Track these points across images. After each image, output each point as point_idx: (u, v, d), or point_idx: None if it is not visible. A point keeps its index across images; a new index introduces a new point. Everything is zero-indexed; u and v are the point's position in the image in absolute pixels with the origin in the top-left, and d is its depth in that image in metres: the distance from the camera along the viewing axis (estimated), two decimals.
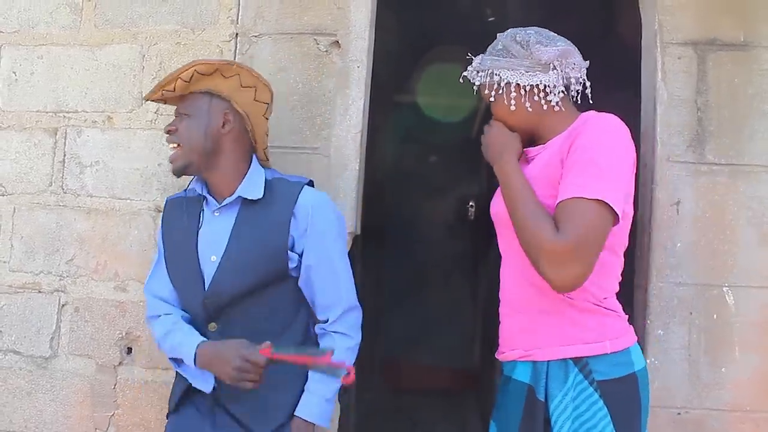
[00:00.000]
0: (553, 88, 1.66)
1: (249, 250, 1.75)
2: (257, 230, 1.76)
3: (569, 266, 1.50)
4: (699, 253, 2.00)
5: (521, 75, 1.67)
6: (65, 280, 2.22)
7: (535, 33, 1.69)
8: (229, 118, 1.78)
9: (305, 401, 1.78)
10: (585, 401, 1.56)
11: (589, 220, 1.50)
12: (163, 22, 2.21)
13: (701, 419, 1.98)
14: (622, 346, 1.61)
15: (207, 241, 1.79)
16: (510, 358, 1.70)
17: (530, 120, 1.70)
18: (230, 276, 1.75)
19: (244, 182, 1.79)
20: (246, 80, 1.78)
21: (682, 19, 2.04)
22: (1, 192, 2.26)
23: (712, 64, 2.02)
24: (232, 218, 1.78)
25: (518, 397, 1.66)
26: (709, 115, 2.02)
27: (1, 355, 2.24)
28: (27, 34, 2.26)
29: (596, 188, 1.51)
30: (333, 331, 1.80)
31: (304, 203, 1.78)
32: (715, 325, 2.00)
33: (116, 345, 2.19)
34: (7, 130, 2.26)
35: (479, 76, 1.74)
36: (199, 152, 1.76)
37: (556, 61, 1.66)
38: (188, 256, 1.79)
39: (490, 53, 1.73)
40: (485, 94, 1.74)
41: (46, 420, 2.21)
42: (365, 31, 2.12)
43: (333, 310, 1.80)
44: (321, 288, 1.80)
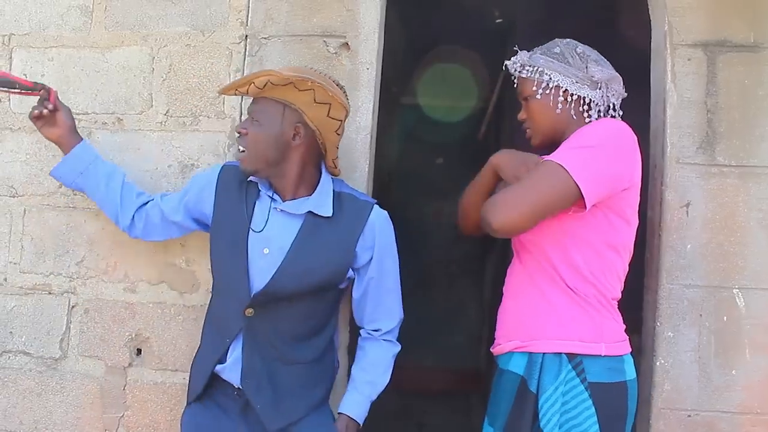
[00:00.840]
0: (596, 105, 1.74)
1: (312, 259, 1.81)
2: (324, 242, 1.82)
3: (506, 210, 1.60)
4: (709, 255, 2.00)
5: (572, 83, 1.73)
6: (75, 282, 2.23)
7: (595, 53, 1.77)
8: (300, 131, 1.80)
9: (354, 400, 1.88)
10: (574, 398, 1.61)
11: (542, 175, 1.60)
12: (173, 25, 2.21)
13: (712, 421, 1.98)
14: (617, 352, 1.67)
15: (260, 232, 1.83)
16: (506, 350, 1.75)
17: (564, 125, 1.75)
18: (290, 279, 1.80)
19: (315, 195, 1.84)
20: (320, 96, 1.78)
21: (692, 20, 2.03)
22: (12, 193, 2.27)
23: (722, 66, 2.02)
24: (298, 223, 1.83)
25: (510, 389, 1.71)
26: (719, 116, 2.02)
27: (12, 356, 2.25)
28: (38, 36, 2.27)
29: (566, 158, 1.60)
30: (384, 339, 1.93)
31: (372, 222, 1.86)
32: (725, 327, 1.99)
33: (126, 346, 2.19)
34: (17, 132, 2.27)
35: (526, 71, 1.78)
36: (266, 161, 1.80)
37: (604, 83, 1.74)
38: (238, 237, 1.83)
39: (543, 53, 1.77)
40: (530, 90, 1.77)
41: (56, 421, 2.22)
42: (374, 33, 2.12)
43: (387, 322, 1.92)
44: (378, 300, 1.91)
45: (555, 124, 1.76)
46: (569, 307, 1.65)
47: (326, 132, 1.83)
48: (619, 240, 1.68)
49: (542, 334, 1.67)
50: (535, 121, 1.80)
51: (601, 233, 1.66)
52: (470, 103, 5.24)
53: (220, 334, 1.87)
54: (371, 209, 1.88)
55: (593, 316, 1.66)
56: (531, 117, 1.81)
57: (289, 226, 1.83)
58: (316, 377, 1.89)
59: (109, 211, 2.02)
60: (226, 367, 1.84)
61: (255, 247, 1.82)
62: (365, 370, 1.92)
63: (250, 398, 1.81)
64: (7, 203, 2.27)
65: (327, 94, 1.78)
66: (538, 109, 1.78)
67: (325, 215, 1.83)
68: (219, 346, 1.85)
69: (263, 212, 1.84)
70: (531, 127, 1.83)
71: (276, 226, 1.83)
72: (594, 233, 1.65)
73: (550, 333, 1.66)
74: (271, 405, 1.81)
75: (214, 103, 2.18)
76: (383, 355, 1.93)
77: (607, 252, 1.67)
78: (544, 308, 1.68)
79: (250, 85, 1.78)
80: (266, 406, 1.81)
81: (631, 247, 1.73)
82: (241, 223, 1.84)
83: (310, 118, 1.79)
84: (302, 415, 1.84)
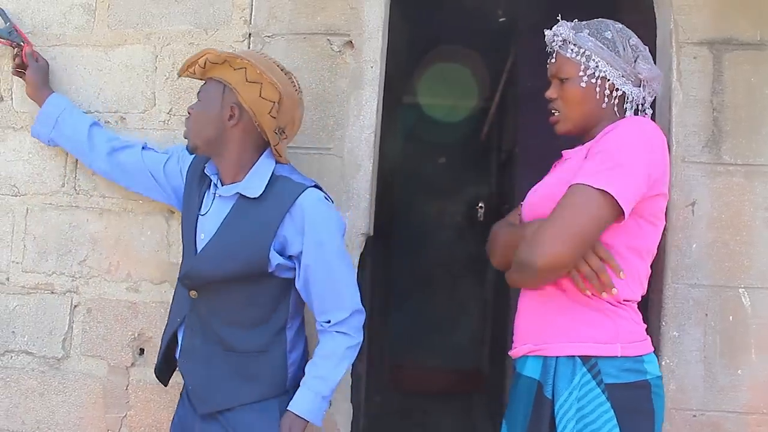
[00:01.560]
0: (633, 102, 1.65)
1: (232, 242, 1.79)
2: (246, 224, 1.79)
3: (546, 247, 1.49)
4: (714, 254, 1.99)
5: (619, 77, 1.64)
6: (78, 281, 2.22)
7: (644, 47, 1.67)
8: (235, 112, 1.78)
9: (301, 396, 1.80)
10: (591, 402, 1.54)
11: (582, 205, 1.50)
12: (176, 23, 2.21)
13: (717, 421, 1.97)
14: (634, 352, 1.59)
15: (204, 218, 1.85)
16: (521, 353, 1.69)
17: (599, 117, 1.67)
18: (209, 261, 1.81)
19: (247, 177, 1.81)
20: (251, 75, 1.74)
21: (698, 18, 2.03)
22: (14, 192, 2.26)
23: (728, 64, 2.01)
24: (228, 207, 1.83)
25: (527, 394, 1.64)
26: (725, 115, 2.01)
27: (14, 356, 2.24)
28: (41, 35, 2.26)
29: (604, 179, 1.50)
30: (335, 331, 1.81)
31: (300, 204, 1.77)
32: (731, 327, 1.98)
33: (128, 346, 2.19)
34: (20, 131, 2.26)
35: (570, 50, 1.66)
36: (202, 139, 1.82)
37: (647, 82, 1.66)
38: (190, 222, 1.88)
39: (593, 35, 1.64)
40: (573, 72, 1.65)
41: (58, 421, 2.21)
42: (378, 32, 2.11)
43: (335, 314, 1.81)
44: (320, 291, 1.80)
45: (592, 115, 1.67)
46: (583, 310, 1.59)
47: (260, 114, 1.76)
48: (642, 243, 1.61)
49: (555, 337, 1.61)
50: (570, 108, 1.68)
51: (624, 237, 1.58)
52: (472, 103, 5.23)
53: (174, 313, 1.92)
54: (303, 191, 1.78)
55: (608, 317, 1.59)
56: (566, 101, 1.68)
57: (222, 210, 1.83)
58: (257, 370, 1.82)
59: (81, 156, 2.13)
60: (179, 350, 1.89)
61: (199, 232, 1.85)
62: (315, 364, 1.82)
63: (185, 378, 1.86)
64: (9, 202, 2.26)
65: (256, 72, 1.74)
66: (578, 97, 1.65)
67: (251, 196, 1.78)
68: (171, 325, 1.91)
69: (209, 197, 1.87)
70: (562, 111, 1.70)
71: (213, 212, 1.84)
72: (616, 237, 1.57)
73: (562, 336, 1.60)
74: (202, 387, 1.82)
75: None
76: (335, 348, 1.81)
77: (629, 255, 1.59)
78: (557, 311, 1.62)
79: (195, 66, 1.81)
80: (197, 388, 1.83)
81: (654, 249, 1.66)
82: (194, 208, 1.88)
83: (243, 98, 1.75)
84: (233, 404, 1.79)
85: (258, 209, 1.78)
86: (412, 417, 4.39)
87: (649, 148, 1.56)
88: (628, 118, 1.64)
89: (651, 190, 1.57)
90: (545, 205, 1.63)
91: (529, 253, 1.52)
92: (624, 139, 1.55)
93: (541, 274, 1.53)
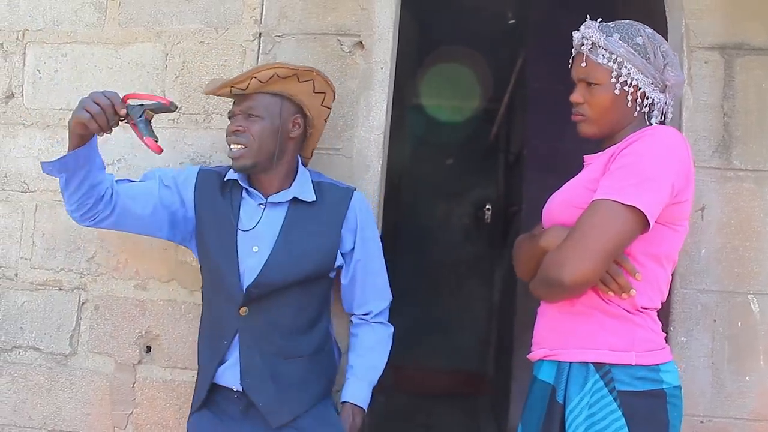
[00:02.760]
0: (659, 109, 1.63)
1: (301, 248, 1.83)
2: (309, 229, 1.85)
3: (575, 265, 1.48)
4: (724, 260, 1.98)
5: (649, 84, 1.60)
6: (86, 278, 2.23)
7: (672, 54, 1.64)
8: (299, 122, 1.86)
9: (356, 387, 1.91)
10: (602, 409, 1.52)
11: (609, 221, 1.48)
12: (187, 21, 2.21)
13: (725, 428, 1.96)
14: (650, 361, 1.56)
15: (249, 231, 1.85)
16: (537, 357, 1.69)
17: (626, 122, 1.64)
18: (280, 269, 1.82)
19: (295, 183, 1.88)
20: (319, 86, 1.87)
21: (709, 22, 2.02)
22: (24, 189, 2.27)
23: (740, 69, 2.00)
24: (281, 215, 1.86)
25: (542, 398, 1.64)
26: (735, 120, 2.00)
27: (22, 352, 2.25)
28: (52, 33, 2.27)
29: (631, 194, 1.48)
30: (374, 322, 1.97)
31: (354, 206, 1.91)
32: (739, 333, 1.97)
33: (135, 343, 2.19)
34: (30, 128, 2.27)
35: (600, 54, 1.60)
36: (267, 154, 1.82)
37: (671, 87, 1.63)
38: (227, 239, 1.85)
39: (624, 39, 1.59)
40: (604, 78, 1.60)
41: (65, 417, 2.22)
42: (389, 32, 2.11)
43: (377, 303, 1.96)
44: (366, 283, 1.94)
45: (620, 122, 1.63)
46: (600, 317, 1.57)
47: (318, 121, 1.91)
48: (660, 249, 1.58)
49: (570, 342, 1.59)
50: (598, 113, 1.63)
51: (642, 244, 1.55)
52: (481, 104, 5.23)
53: (216, 337, 1.86)
54: (352, 194, 1.92)
55: (624, 324, 1.57)
56: (595, 107, 1.63)
57: (275, 220, 1.86)
58: (316, 370, 1.89)
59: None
60: (226, 369, 1.83)
61: (244, 247, 1.84)
62: (363, 356, 1.94)
63: (252, 397, 1.81)
64: (18, 199, 2.27)
65: (326, 83, 1.88)
66: (608, 103, 1.61)
67: (308, 200, 1.86)
68: (217, 350, 1.85)
69: (250, 211, 1.87)
70: (588, 116, 1.65)
71: (264, 222, 1.86)
72: (634, 244, 1.55)
73: (578, 342, 1.58)
74: (274, 401, 1.81)
75: (227, 101, 2.15)
76: (378, 338, 1.97)
77: (647, 262, 1.57)
78: (573, 317, 1.60)
79: (251, 81, 1.78)
80: (268, 403, 1.81)
81: (674, 255, 1.63)
82: (228, 226, 1.86)
83: (309, 108, 1.87)
84: (306, 408, 1.84)
85: (316, 213, 1.87)
86: (416, 418, 4.38)
87: (674, 159, 1.53)
88: (653, 127, 1.60)
89: (673, 199, 1.55)
90: (565, 211, 1.62)
91: (557, 270, 1.51)
92: (649, 151, 1.53)
93: (569, 291, 1.54)
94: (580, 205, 1.57)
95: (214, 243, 1.87)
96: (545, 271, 1.56)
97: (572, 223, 1.57)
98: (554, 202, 1.70)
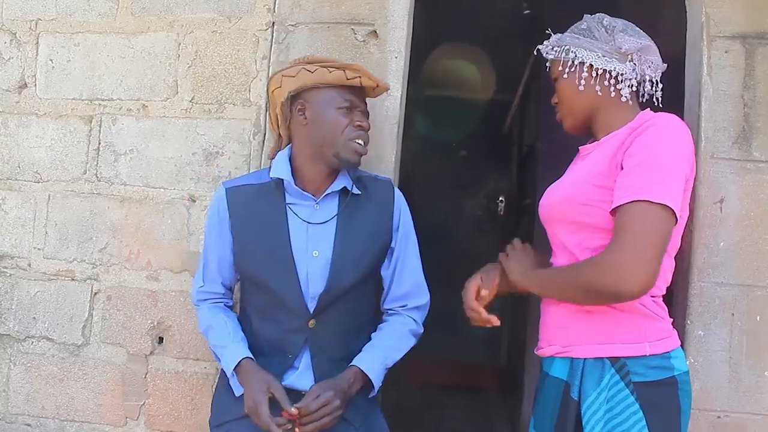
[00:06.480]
0: (626, 78, 1.63)
1: (360, 245, 1.79)
2: (364, 224, 1.80)
3: (636, 273, 1.45)
4: (743, 253, 1.95)
5: (597, 57, 1.64)
6: (98, 269, 2.22)
7: (623, 23, 1.67)
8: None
9: (372, 357, 1.77)
10: (620, 403, 1.52)
11: (652, 223, 1.46)
12: (200, 11, 2.20)
13: (742, 423, 1.93)
14: (662, 349, 1.56)
15: (303, 236, 1.77)
16: (548, 354, 1.67)
17: (594, 105, 1.66)
18: (345, 272, 1.76)
19: (337, 180, 1.82)
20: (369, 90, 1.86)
21: (730, 11, 1.98)
22: (36, 179, 2.27)
23: (761, 58, 1.96)
24: (333, 213, 1.79)
25: (555, 395, 1.62)
26: (756, 110, 1.96)
27: (35, 342, 2.25)
28: (64, 22, 2.26)
29: (659, 191, 1.47)
30: (408, 315, 1.88)
31: (398, 201, 1.88)
32: (758, 327, 1.94)
33: (148, 334, 2.19)
34: (43, 118, 2.27)
35: (554, 51, 1.71)
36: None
37: (635, 54, 1.64)
38: (282, 250, 1.76)
39: (571, 31, 1.70)
40: (557, 70, 1.70)
41: (77, 407, 2.22)
42: (403, 21, 2.09)
43: (415, 299, 1.88)
44: (405, 276, 1.87)
45: (582, 103, 1.67)
46: (609, 310, 1.56)
47: None
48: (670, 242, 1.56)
49: (582, 339, 1.58)
50: (564, 104, 1.72)
51: None
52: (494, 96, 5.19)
53: (278, 353, 1.78)
54: (393, 187, 1.90)
55: (635, 315, 1.56)
56: (560, 99, 1.72)
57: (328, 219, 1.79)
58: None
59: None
60: (298, 375, 1.76)
61: (301, 253, 1.76)
62: (385, 335, 1.83)
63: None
64: (31, 189, 2.27)
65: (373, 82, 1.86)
66: (564, 90, 1.69)
67: (357, 192, 1.81)
68: (281, 364, 1.77)
69: (300, 216, 1.79)
70: (561, 111, 1.74)
71: (316, 225, 1.78)
72: None
73: (590, 337, 1.58)
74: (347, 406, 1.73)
75: (240, 91, 2.16)
76: (407, 328, 1.86)
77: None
78: (583, 311, 1.58)
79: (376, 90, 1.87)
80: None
81: (678, 242, 1.62)
82: (279, 236, 1.77)
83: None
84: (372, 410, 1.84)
85: (365, 208, 1.82)
86: (429, 411, 4.37)
87: (683, 149, 1.54)
88: (651, 116, 1.59)
89: (686, 184, 1.55)
90: (569, 208, 1.60)
91: (616, 282, 1.47)
92: (658, 144, 1.52)
93: (627, 300, 1.51)
94: (586, 202, 1.57)
95: (264, 255, 1.77)
96: (595, 283, 1.50)
97: (578, 219, 1.58)
98: (554, 199, 1.67)
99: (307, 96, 1.79)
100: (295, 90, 1.79)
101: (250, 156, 2.14)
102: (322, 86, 1.77)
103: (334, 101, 1.77)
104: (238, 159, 2.15)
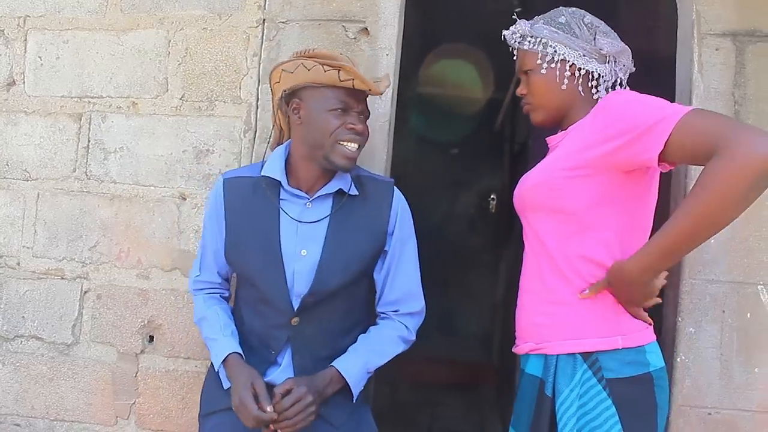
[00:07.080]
0: (604, 80, 1.64)
1: (351, 247, 1.75)
2: (357, 227, 1.76)
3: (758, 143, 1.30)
4: (733, 250, 1.95)
5: (579, 56, 1.63)
6: (88, 267, 2.21)
7: (602, 23, 1.66)
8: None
9: (352, 360, 1.73)
10: (592, 399, 1.51)
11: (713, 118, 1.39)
12: (190, 8, 2.18)
13: (732, 420, 1.94)
14: (635, 342, 1.54)
15: (293, 234, 1.75)
16: (523, 351, 1.67)
17: (569, 102, 1.66)
18: (332, 273, 1.73)
19: (334, 180, 1.78)
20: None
21: (721, 9, 1.98)
22: (25, 177, 2.25)
23: (752, 56, 1.97)
24: (326, 213, 1.76)
25: (531, 392, 1.63)
26: (746, 108, 1.97)
27: (24, 341, 2.24)
28: (53, 19, 2.25)
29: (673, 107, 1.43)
30: (399, 321, 1.83)
31: (396, 204, 1.82)
32: (748, 324, 1.95)
33: (138, 333, 2.18)
34: (32, 115, 2.25)
35: (528, 42, 1.67)
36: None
37: (613, 56, 1.64)
38: (271, 247, 1.74)
39: (547, 23, 1.66)
40: (532, 63, 1.66)
41: (67, 407, 2.21)
42: (395, 19, 2.08)
43: (408, 304, 1.83)
44: (397, 280, 1.82)
45: (560, 100, 1.65)
46: (580, 304, 1.55)
47: None
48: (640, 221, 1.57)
49: (554, 335, 1.58)
50: (537, 97, 1.68)
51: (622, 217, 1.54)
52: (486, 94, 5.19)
53: (263, 347, 1.77)
54: (394, 188, 1.85)
55: (608, 308, 1.55)
56: (533, 92, 1.68)
57: (320, 219, 1.76)
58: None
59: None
60: (279, 371, 1.75)
61: (290, 251, 1.74)
62: (372, 339, 1.79)
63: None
64: (20, 187, 2.25)
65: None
66: (542, 85, 1.65)
67: (353, 193, 1.78)
68: (264, 358, 1.76)
69: (291, 214, 1.76)
70: (532, 103, 1.70)
71: (307, 224, 1.76)
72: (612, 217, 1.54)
73: (561, 333, 1.57)
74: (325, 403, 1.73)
75: (231, 88, 2.15)
76: (396, 331, 1.81)
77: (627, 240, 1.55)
78: (554, 307, 1.58)
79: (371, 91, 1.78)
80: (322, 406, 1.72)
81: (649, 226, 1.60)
82: (269, 231, 1.75)
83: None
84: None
85: (360, 209, 1.78)
86: (422, 409, 4.37)
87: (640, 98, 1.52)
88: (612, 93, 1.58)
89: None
90: (541, 194, 1.59)
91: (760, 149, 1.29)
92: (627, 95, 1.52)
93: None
94: (556, 188, 1.55)
95: (254, 251, 1.76)
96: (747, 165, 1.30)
97: (548, 203, 1.57)
98: (525, 186, 1.66)
99: (303, 94, 1.75)
100: (290, 88, 1.76)
101: (241, 154, 2.13)
102: (317, 85, 1.72)
103: (327, 102, 1.71)
104: (229, 157, 2.14)
